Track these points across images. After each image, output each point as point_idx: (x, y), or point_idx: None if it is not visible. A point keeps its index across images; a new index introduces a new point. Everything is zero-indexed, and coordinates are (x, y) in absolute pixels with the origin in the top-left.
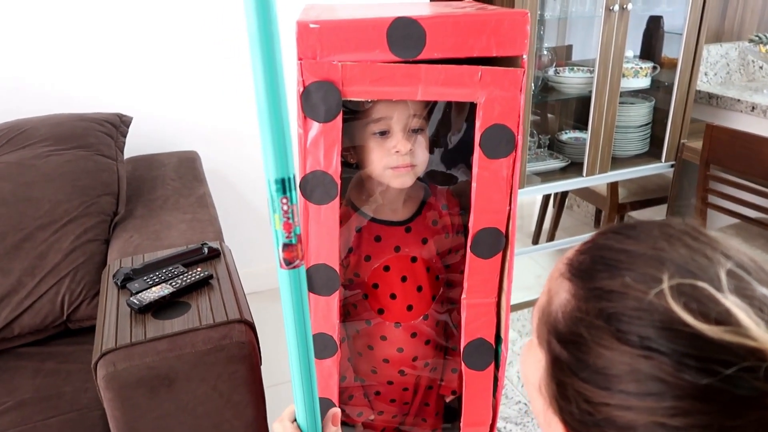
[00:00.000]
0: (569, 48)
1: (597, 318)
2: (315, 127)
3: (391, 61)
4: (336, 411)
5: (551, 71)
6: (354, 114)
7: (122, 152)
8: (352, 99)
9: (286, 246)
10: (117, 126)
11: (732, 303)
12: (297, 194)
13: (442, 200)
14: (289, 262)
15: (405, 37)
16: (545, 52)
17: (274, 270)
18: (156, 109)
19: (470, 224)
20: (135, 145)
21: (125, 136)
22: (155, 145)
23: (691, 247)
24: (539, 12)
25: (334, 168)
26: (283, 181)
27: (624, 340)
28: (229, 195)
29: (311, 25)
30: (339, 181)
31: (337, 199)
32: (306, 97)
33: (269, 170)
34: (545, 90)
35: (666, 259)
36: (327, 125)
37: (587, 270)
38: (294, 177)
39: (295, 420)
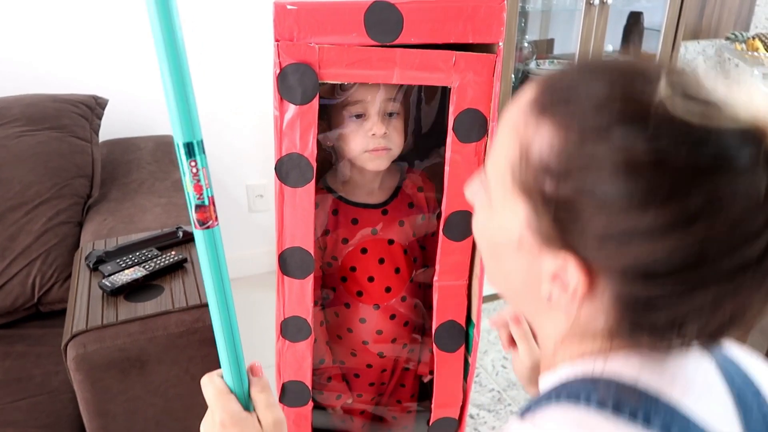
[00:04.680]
0: (551, 41)
1: (597, 131)
2: (291, 109)
3: (367, 45)
4: (255, 362)
5: (532, 64)
6: (330, 97)
7: (97, 135)
8: (329, 81)
9: (198, 207)
10: (92, 108)
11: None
12: (205, 158)
13: (418, 182)
14: (202, 223)
15: (382, 21)
16: (526, 45)
17: (251, 256)
18: (133, 91)
19: (443, 207)
20: (111, 128)
21: (100, 119)
22: (131, 128)
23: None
24: (521, 4)
25: (310, 151)
26: (189, 145)
27: (627, 150)
28: (216, 183)
29: (288, 7)
30: (315, 164)
31: (313, 182)
32: (282, 78)
33: (176, 135)
34: (526, 82)
35: (653, 72)
36: (303, 107)
37: (563, 99)
38: (201, 141)
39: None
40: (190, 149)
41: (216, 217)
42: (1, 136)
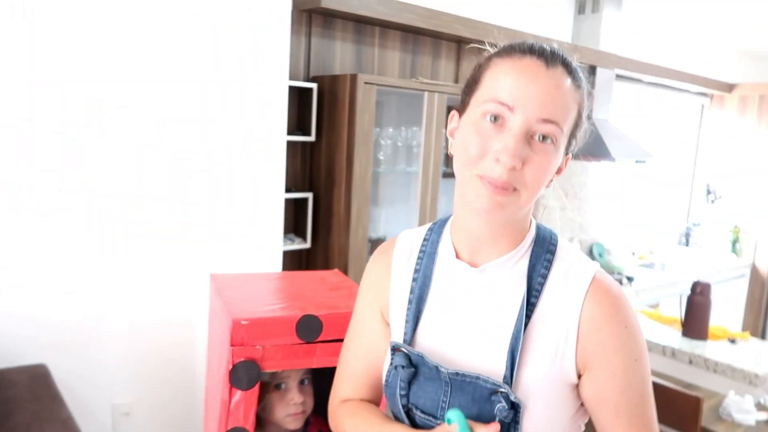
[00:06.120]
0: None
1: None
2: (238, 394)
3: (297, 343)
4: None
5: None
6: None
7: None
8: (267, 371)
9: None
10: None
11: None
12: None
13: (320, 426)
14: None
15: (308, 327)
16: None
17: None
18: None
19: None
20: None
21: None
22: None
23: None
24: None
25: (251, 423)
26: None
27: None
28: (79, 404)
29: (242, 322)
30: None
31: None
32: (234, 372)
33: None
34: None
35: None
36: (247, 392)
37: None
38: None
39: None
40: None
41: None
42: None
